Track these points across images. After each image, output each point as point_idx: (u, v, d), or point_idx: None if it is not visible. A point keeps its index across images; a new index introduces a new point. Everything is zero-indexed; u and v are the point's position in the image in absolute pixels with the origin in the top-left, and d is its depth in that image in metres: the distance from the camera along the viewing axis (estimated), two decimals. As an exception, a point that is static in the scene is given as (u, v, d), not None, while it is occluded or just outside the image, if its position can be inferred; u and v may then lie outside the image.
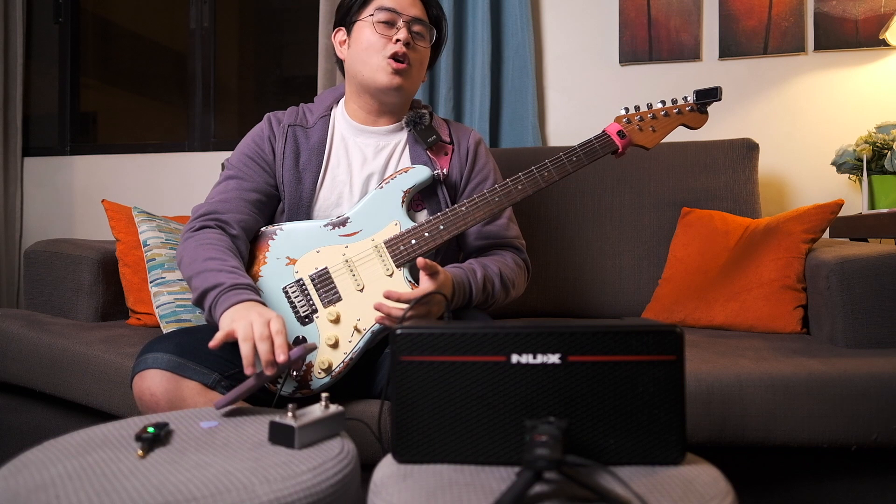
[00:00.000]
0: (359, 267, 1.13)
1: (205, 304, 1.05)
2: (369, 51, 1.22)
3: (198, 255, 1.10)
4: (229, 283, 1.04)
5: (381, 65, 1.21)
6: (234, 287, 1.03)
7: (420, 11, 1.25)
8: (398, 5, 1.22)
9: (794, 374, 1.12)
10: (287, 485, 0.65)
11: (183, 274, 1.13)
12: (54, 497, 0.60)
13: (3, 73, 2.51)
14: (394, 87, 1.22)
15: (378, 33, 1.22)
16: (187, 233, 1.16)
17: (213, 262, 1.08)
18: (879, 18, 1.96)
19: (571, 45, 2.19)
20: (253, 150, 1.26)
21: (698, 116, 1.27)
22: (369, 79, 1.23)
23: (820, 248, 1.43)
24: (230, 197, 1.20)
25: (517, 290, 1.28)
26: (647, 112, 1.25)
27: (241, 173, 1.24)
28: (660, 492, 0.62)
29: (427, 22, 1.25)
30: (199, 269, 1.08)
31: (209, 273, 1.06)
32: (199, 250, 1.11)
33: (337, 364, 1.08)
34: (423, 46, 1.26)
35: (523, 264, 1.31)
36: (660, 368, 0.68)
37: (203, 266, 1.08)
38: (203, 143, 2.55)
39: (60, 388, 1.42)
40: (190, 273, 1.09)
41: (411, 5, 1.23)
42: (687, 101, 1.26)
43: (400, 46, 1.20)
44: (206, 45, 2.55)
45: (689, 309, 1.55)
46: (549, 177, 1.18)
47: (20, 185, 2.60)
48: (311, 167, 1.24)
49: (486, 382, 0.69)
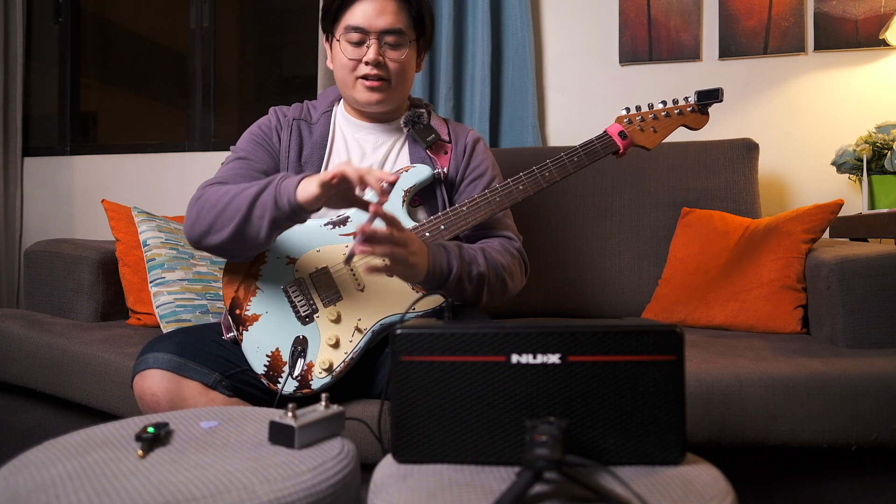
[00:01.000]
0: (359, 267, 1.13)
1: (259, 209, 1.01)
2: (343, 71, 1.22)
3: (223, 192, 1.06)
4: (280, 176, 1.02)
5: (355, 85, 1.21)
6: (286, 176, 1.02)
7: (391, 19, 1.18)
8: (365, 22, 1.17)
9: (794, 374, 1.12)
10: (287, 485, 0.65)
11: (205, 221, 1.06)
12: (54, 497, 0.60)
13: (3, 73, 2.51)
14: (373, 102, 1.22)
15: (348, 57, 1.20)
16: (197, 194, 1.12)
17: (246, 187, 1.05)
18: (879, 18, 1.96)
19: (571, 45, 2.19)
20: (260, 137, 1.25)
21: (699, 117, 1.27)
22: (350, 97, 1.24)
23: (820, 248, 1.43)
24: (240, 174, 1.18)
25: (511, 277, 1.19)
26: (648, 112, 1.25)
27: (250, 155, 1.22)
28: (660, 492, 0.62)
29: (399, 29, 1.19)
30: (234, 194, 1.04)
31: (248, 189, 1.03)
32: (221, 190, 1.07)
33: (338, 364, 1.08)
34: (397, 57, 1.20)
35: (516, 253, 1.22)
36: (660, 368, 0.68)
37: (236, 191, 1.04)
38: (203, 143, 2.55)
39: (60, 388, 1.42)
40: (221, 206, 1.04)
41: (378, 16, 1.17)
42: (688, 101, 1.26)
43: (370, 68, 1.18)
44: (206, 45, 2.54)
45: (689, 309, 1.55)
46: (551, 177, 1.18)
47: (20, 185, 2.60)
48: (312, 161, 1.24)
49: (486, 382, 0.69)
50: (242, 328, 1.11)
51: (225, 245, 1.06)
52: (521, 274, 1.25)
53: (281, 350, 1.10)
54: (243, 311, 1.12)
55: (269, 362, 1.09)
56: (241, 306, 1.13)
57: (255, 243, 1.06)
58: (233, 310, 1.13)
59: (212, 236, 1.06)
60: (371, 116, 1.28)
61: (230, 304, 1.13)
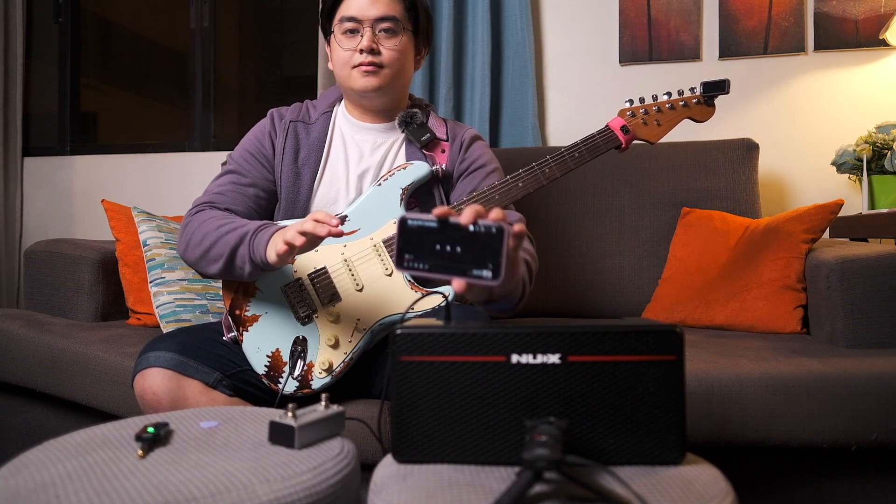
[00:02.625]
0: (357, 266, 1.13)
1: (240, 260, 1.07)
2: (341, 63, 1.23)
3: (208, 229, 1.11)
4: (254, 228, 1.07)
5: (352, 74, 1.22)
6: (260, 228, 1.06)
7: (384, 7, 1.19)
8: (358, 11, 1.19)
9: (794, 374, 1.12)
10: (287, 485, 0.65)
11: (194, 254, 1.13)
12: (54, 497, 0.60)
13: (3, 73, 2.51)
14: (371, 88, 1.21)
15: (344, 48, 1.21)
16: (187, 218, 1.17)
17: (227, 226, 1.10)
18: (879, 18, 1.96)
19: (571, 44, 2.19)
20: (254, 147, 1.26)
21: (705, 109, 1.23)
22: (349, 88, 1.24)
23: (820, 248, 1.43)
24: (226, 190, 1.21)
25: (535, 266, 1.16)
26: (652, 105, 1.22)
27: (241, 168, 1.24)
28: (660, 492, 0.62)
29: (392, 16, 1.20)
30: (215, 239, 1.09)
31: (228, 235, 1.08)
32: (205, 225, 1.12)
33: (338, 364, 1.08)
34: (392, 45, 1.21)
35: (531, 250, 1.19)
36: (660, 368, 0.68)
37: (217, 234, 1.09)
38: (203, 143, 2.55)
39: (60, 388, 1.42)
40: (206, 246, 1.10)
41: (371, 5, 1.19)
42: (694, 93, 1.23)
43: (364, 56, 1.19)
44: (206, 45, 2.54)
45: (689, 309, 1.55)
46: (551, 173, 1.16)
47: (20, 185, 2.60)
48: (309, 162, 1.24)
49: (486, 382, 0.69)
50: (242, 329, 1.11)
51: (218, 277, 1.14)
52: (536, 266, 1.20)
53: (281, 350, 1.10)
54: (243, 312, 1.12)
55: (270, 362, 1.09)
56: (241, 307, 1.13)
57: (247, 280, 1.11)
58: (232, 310, 1.13)
59: (202, 268, 1.14)
60: (372, 114, 1.28)
61: (230, 305, 1.13)
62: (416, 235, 0.73)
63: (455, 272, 0.73)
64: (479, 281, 0.72)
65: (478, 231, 0.72)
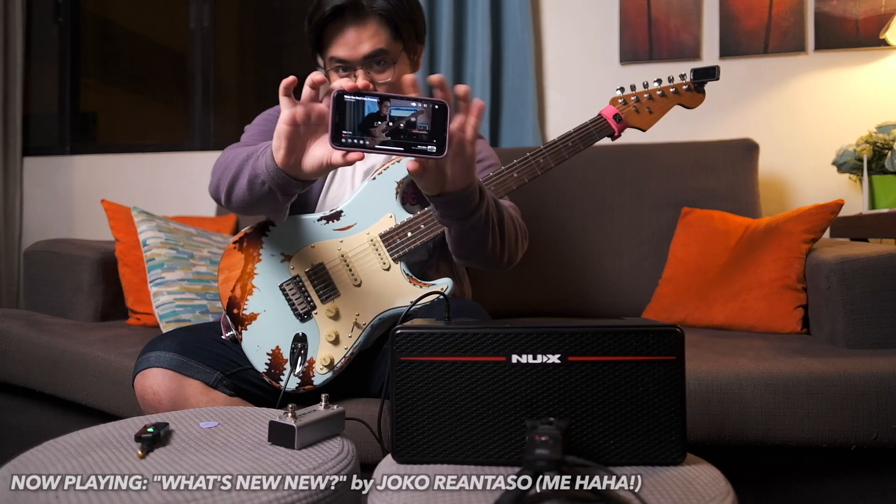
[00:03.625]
0: (355, 262, 1.13)
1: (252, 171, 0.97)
2: None
3: (228, 158, 1.07)
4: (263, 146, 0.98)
5: None
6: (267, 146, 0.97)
7: (371, 43, 1.13)
8: (346, 53, 1.14)
9: (794, 373, 1.12)
10: (287, 485, 0.65)
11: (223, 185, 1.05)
12: (54, 497, 0.60)
13: (3, 72, 2.51)
14: None
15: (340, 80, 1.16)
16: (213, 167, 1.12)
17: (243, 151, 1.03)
18: (879, 18, 1.96)
19: (571, 44, 2.19)
20: (270, 128, 1.21)
21: (695, 96, 1.24)
22: None
23: (820, 248, 1.43)
24: (255, 142, 1.15)
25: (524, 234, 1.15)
26: (643, 93, 1.22)
27: (264, 136, 1.19)
28: (660, 492, 0.62)
29: (381, 49, 1.14)
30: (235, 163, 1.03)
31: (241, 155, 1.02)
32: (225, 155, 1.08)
33: (339, 359, 1.09)
34: (385, 78, 1.16)
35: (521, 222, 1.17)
36: (660, 368, 0.68)
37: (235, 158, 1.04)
38: (203, 143, 2.55)
39: (60, 388, 1.42)
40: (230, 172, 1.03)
41: (358, 44, 1.13)
42: (684, 79, 1.24)
43: None
44: (206, 44, 2.54)
45: (689, 309, 1.55)
46: (545, 163, 1.17)
47: (20, 185, 2.60)
48: None
49: (486, 382, 0.69)
50: (241, 327, 1.11)
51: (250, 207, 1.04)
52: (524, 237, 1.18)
53: (281, 348, 1.10)
54: (241, 311, 1.12)
55: (271, 360, 1.09)
56: (239, 305, 1.12)
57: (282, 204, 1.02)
58: (230, 309, 1.13)
59: (233, 199, 1.05)
60: None
61: (227, 304, 1.13)
62: (355, 112, 0.74)
63: (399, 149, 0.75)
64: (423, 156, 0.74)
65: (421, 109, 0.74)
